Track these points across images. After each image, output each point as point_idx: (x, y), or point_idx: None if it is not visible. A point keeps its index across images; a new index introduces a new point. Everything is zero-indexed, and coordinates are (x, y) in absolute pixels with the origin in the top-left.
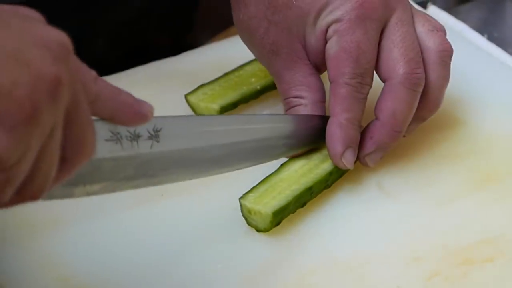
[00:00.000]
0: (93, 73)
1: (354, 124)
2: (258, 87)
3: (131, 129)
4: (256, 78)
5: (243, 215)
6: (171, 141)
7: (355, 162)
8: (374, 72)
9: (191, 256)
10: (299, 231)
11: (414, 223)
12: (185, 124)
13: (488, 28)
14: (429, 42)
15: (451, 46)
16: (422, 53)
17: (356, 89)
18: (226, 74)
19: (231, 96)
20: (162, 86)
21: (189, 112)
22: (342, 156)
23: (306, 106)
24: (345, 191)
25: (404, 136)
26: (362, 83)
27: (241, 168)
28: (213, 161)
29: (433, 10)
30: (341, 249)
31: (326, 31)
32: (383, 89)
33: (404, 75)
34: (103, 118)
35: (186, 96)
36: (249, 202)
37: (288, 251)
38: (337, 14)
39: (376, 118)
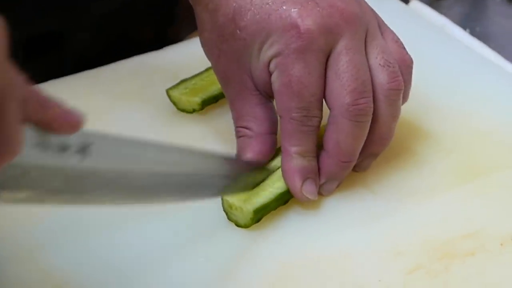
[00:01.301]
0: (23, 77)
1: (306, 156)
2: None
3: (60, 139)
4: None
5: (224, 210)
6: (100, 159)
7: None
8: None
9: (173, 250)
10: (281, 225)
11: (396, 217)
12: (118, 144)
13: (470, 22)
14: (379, 77)
15: (401, 84)
16: (372, 85)
17: (302, 123)
18: (208, 69)
19: (213, 90)
20: (144, 81)
21: (171, 107)
22: (302, 189)
23: (251, 138)
24: None
25: (357, 171)
26: (308, 116)
27: (172, 202)
28: (142, 188)
29: (415, 5)
30: (323, 243)
31: (269, 64)
32: (328, 119)
33: (345, 106)
34: (31, 124)
35: (167, 90)
36: (230, 197)
37: (270, 245)
38: (276, 48)
39: (323, 149)
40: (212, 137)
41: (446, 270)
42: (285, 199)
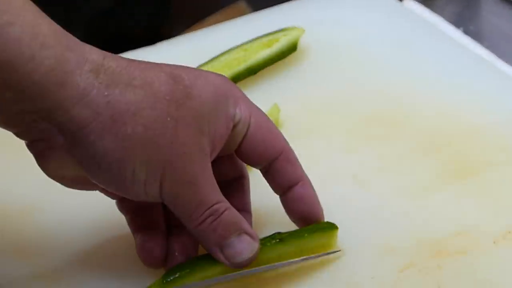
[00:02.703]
0: None
1: None
2: (232, 75)
3: None
4: (229, 67)
5: None
6: None
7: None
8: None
9: None
10: (272, 221)
11: (388, 214)
12: None
13: (463, 21)
14: None
15: None
16: None
17: None
18: (201, 65)
19: None
20: None
21: None
22: None
23: (230, 209)
24: (319, 182)
25: None
26: None
27: None
28: None
29: (409, 4)
30: None
31: (234, 115)
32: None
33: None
34: None
35: None
36: None
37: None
38: (234, 95)
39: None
40: None
41: (438, 268)
42: None
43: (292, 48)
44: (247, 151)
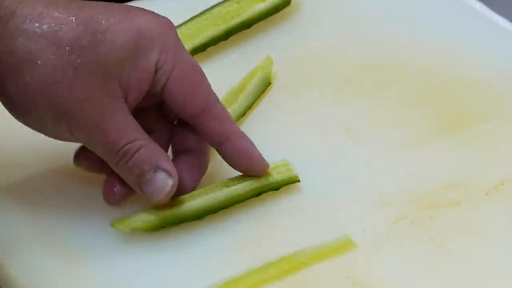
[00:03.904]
0: None
1: None
2: (226, 29)
3: None
4: (223, 20)
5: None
6: None
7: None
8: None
9: None
10: None
11: (381, 166)
12: None
13: None
14: None
15: None
16: None
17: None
18: (193, 18)
19: (200, 38)
20: None
21: None
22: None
23: (146, 147)
24: (312, 134)
25: None
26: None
27: None
28: None
29: None
30: (307, 193)
31: (157, 62)
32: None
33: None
34: None
35: None
36: None
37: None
38: (159, 43)
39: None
40: None
41: (431, 220)
42: None
43: (285, 2)
44: (166, 103)
